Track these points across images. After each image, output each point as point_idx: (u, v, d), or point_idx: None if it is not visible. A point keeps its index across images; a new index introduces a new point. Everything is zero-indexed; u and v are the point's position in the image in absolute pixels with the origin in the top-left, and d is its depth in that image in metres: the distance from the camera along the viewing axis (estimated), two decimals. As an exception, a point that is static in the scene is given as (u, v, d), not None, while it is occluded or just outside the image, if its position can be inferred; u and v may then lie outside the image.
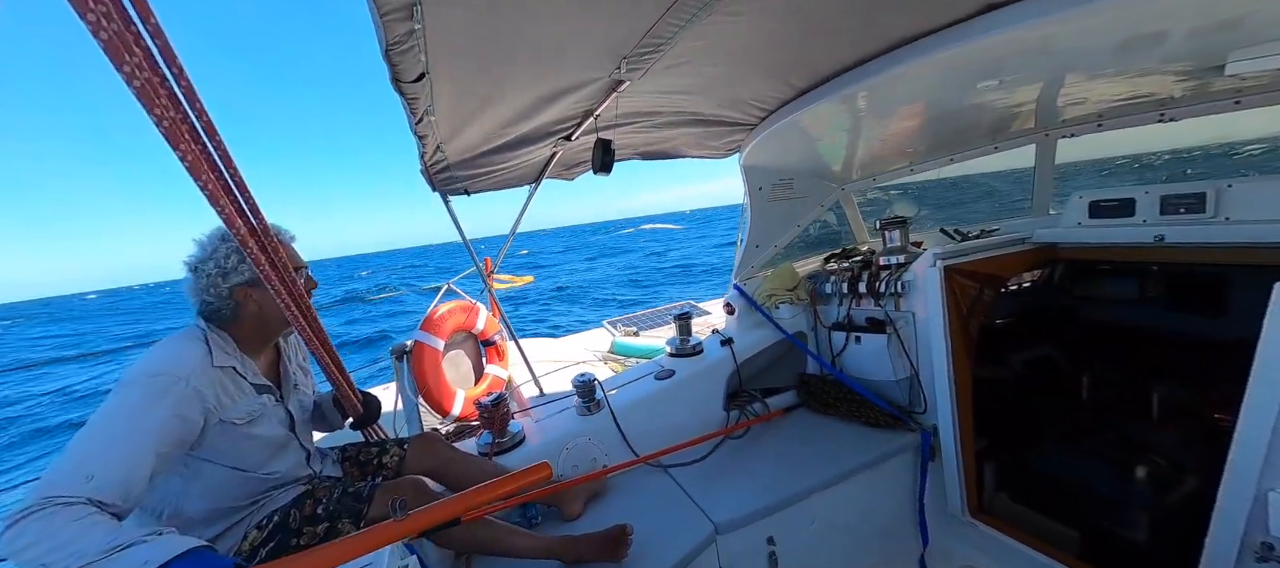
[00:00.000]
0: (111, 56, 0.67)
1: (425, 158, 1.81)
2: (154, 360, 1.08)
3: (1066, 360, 2.16)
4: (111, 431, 0.96)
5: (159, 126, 0.76)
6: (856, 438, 2.02)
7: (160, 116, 0.74)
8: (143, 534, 0.86)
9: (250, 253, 1.02)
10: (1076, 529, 1.79)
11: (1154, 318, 1.87)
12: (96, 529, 0.84)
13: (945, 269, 1.79)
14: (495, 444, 1.90)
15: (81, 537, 0.82)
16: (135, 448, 0.96)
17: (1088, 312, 2.09)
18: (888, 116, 1.92)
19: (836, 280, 2.26)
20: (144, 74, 0.72)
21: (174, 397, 1.04)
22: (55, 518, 0.83)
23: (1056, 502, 1.87)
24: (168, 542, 0.85)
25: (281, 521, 1.23)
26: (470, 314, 2.54)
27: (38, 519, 0.82)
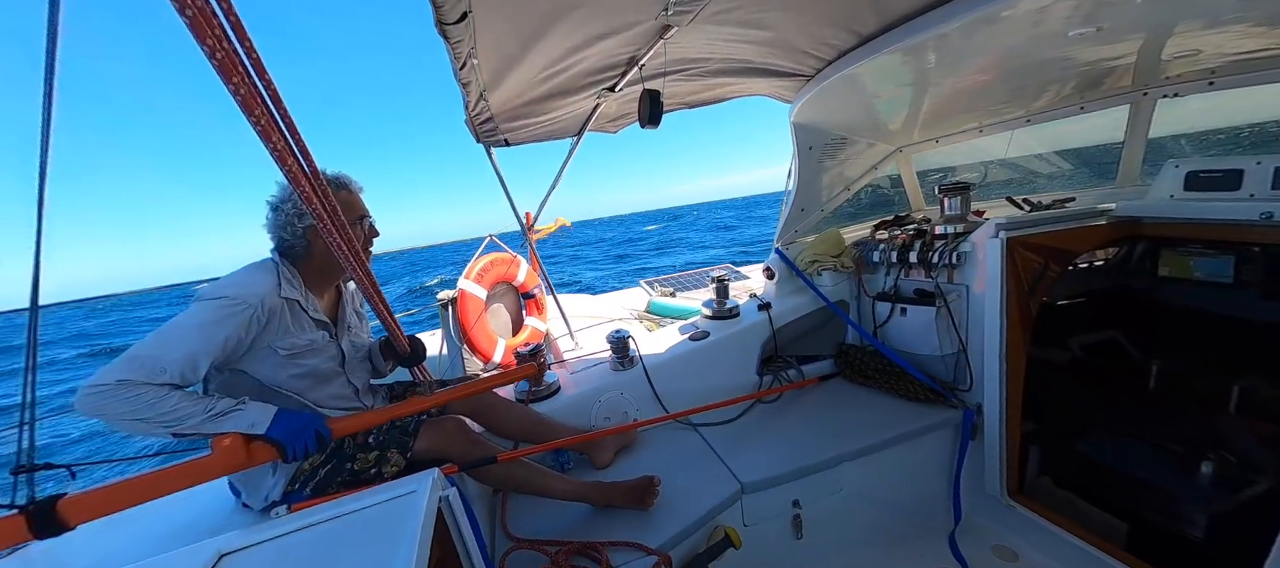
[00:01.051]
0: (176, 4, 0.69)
1: (469, 107, 1.81)
2: (229, 285, 1.19)
3: (1134, 346, 2.00)
4: (185, 337, 1.10)
5: (236, 97, 0.81)
6: (893, 411, 1.98)
7: (237, 86, 0.78)
8: (226, 404, 1.09)
9: (309, 202, 1.08)
10: (1125, 521, 1.71)
11: (1246, 306, 1.69)
12: (188, 399, 1.05)
13: (1008, 241, 1.66)
14: (531, 392, 1.97)
15: (180, 405, 1.04)
16: (200, 356, 1.11)
17: (1166, 295, 1.91)
18: (959, 69, 1.75)
19: (886, 249, 2.15)
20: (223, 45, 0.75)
21: (239, 319, 1.16)
22: (143, 394, 1.01)
23: (1105, 491, 1.78)
24: (257, 408, 1.10)
25: (337, 445, 1.33)
26: (511, 266, 2.59)
27: (118, 391, 0.99)
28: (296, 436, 1.08)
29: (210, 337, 1.12)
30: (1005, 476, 1.79)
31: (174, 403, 1.03)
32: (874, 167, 2.48)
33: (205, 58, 0.71)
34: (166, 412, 1.02)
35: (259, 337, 1.21)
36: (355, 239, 1.36)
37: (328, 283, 1.42)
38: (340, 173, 1.38)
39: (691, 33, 1.54)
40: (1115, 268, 2.07)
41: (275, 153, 0.91)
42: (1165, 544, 1.63)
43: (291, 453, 1.07)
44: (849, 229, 2.58)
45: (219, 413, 1.06)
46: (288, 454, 1.07)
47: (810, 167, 2.22)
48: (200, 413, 1.05)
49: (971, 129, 2.27)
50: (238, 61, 0.78)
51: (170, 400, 1.03)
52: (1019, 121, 2.13)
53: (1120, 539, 1.65)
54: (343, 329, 1.44)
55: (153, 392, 1.02)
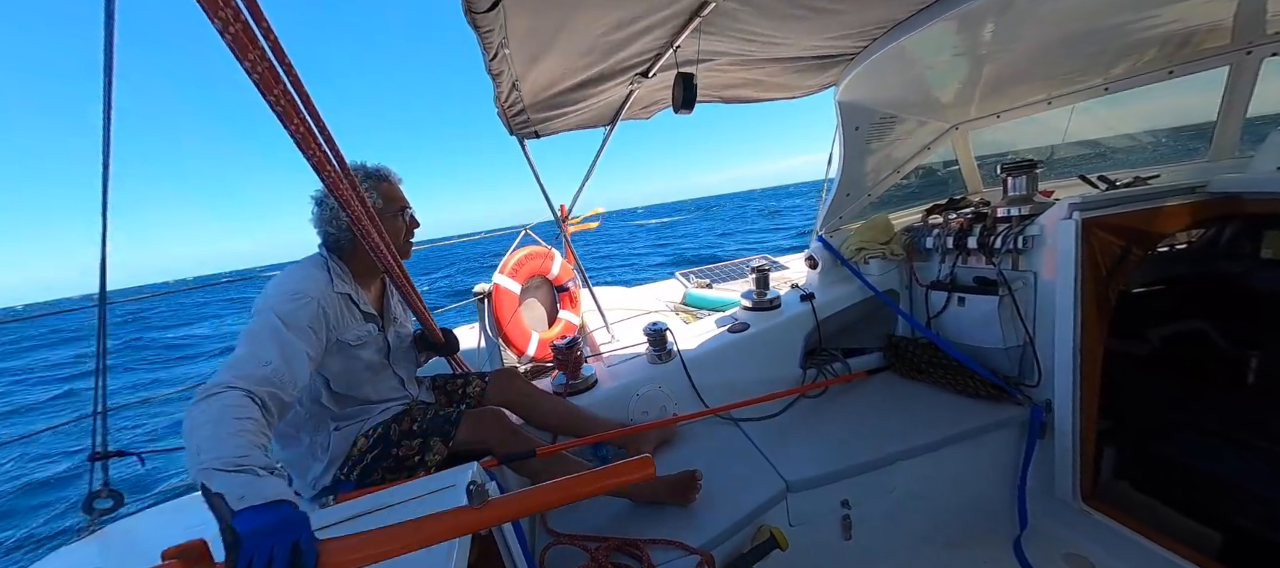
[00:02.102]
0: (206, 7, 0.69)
1: (500, 98, 1.79)
2: (290, 281, 1.21)
3: (1225, 337, 1.80)
4: (274, 334, 1.07)
5: (274, 109, 0.81)
6: (950, 407, 1.85)
7: (277, 98, 0.79)
8: (263, 464, 0.83)
9: (341, 196, 1.08)
10: (1218, 529, 1.54)
11: None
12: (238, 438, 0.85)
13: (1084, 223, 1.52)
14: (568, 385, 1.96)
15: (231, 440, 0.84)
16: (294, 348, 1.08)
17: (1266, 280, 1.70)
18: (1024, 35, 1.60)
19: (940, 234, 2.02)
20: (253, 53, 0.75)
21: (309, 312, 1.16)
22: (221, 407, 0.89)
23: (1194, 497, 1.61)
24: (267, 485, 0.78)
25: (384, 432, 1.36)
26: (545, 260, 2.59)
27: (221, 399, 0.90)
28: (262, 536, 0.69)
29: (292, 334, 1.09)
30: (1078, 478, 1.65)
31: (220, 430, 0.85)
32: (927, 146, 2.32)
33: (245, 73, 0.72)
34: (207, 438, 0.83)
35: (329, 332, 1.22)
36: (397, 231, 1.37)
37: (374, 275, 1.43)
38: (379, 165, 1.39)
39: (727, 17, 1.47)
40: (1201, 251, 1.86)
41: (311, 158, 0.90)
42: (1266, 557, 1.46)
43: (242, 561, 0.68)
44: (898, 214, 2.43)
45: (242, 466, 0.80)
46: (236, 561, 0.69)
47: (856, 148, 2.10)
48: (232, 454, 0.81)
49: (1038, 102, 2.08)
50: (276, 76, 0.78)
51: (225, 425, 0.86)
52: (1096, 91, 1.93)
53: (1212, 550, 1.49)
54: (389, 321, 1.46)
55: (239, 407, 0.90)
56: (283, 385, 1.01)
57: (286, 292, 1.17)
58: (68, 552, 1.43)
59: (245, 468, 0.79)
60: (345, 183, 1.09)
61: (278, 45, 0.82)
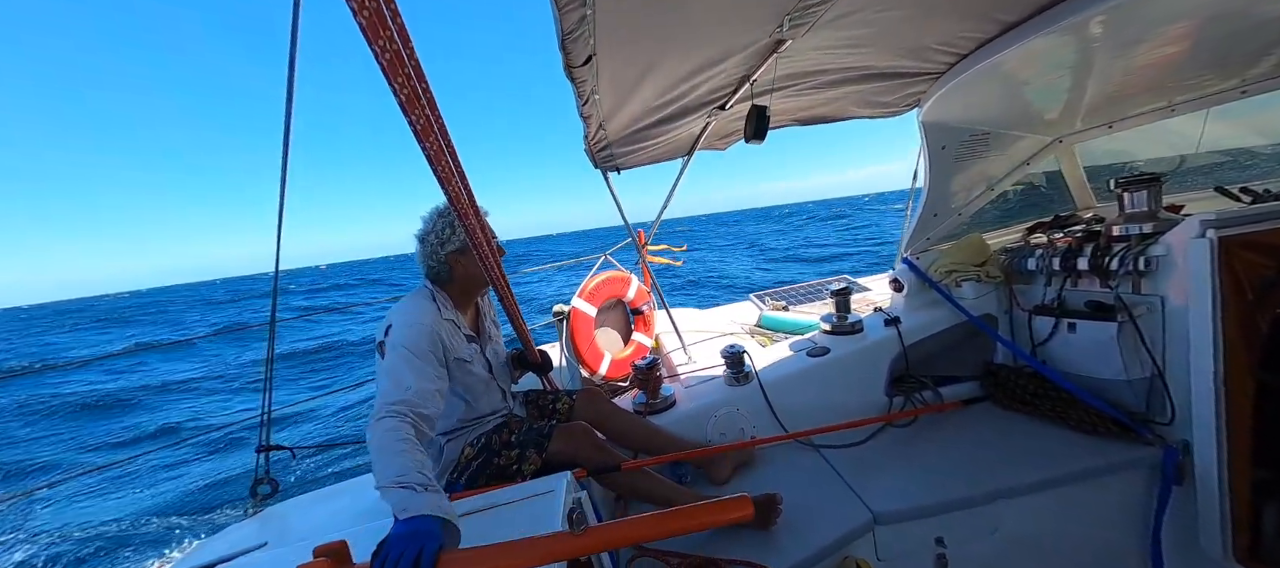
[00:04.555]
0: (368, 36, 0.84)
1: (589, 138, 1.95)
2: (407, 314, 1.40)
3: None
4: (406, 362, 1.28)
5: (413, 127, 0.96)
6: (1063, 443, 1.69)
7: (416, 119, 0.94)
8: (416, 480, 1.01)
9: (467, 224, 1.25)
10: None
11: None
12: (401, 458, 1.05)
13: (1221, 241, 1.36)
14: (648, 405, 2.03)
15: (391, 461, 1.05)
16: (425, 371, 1.27)
17: None
18: (1138, 44, 1.49)
19: (1044, 255, 1.87)
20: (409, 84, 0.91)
21: (428, 337, 1.35)
22: (389, 431, 1.10)
23: None
24: (418, 501, 0.97)
25: (486, 442, 1.52)
26: (621, 284, 2.72)
27: (381, 426, 1.13)
28: (404, 540, 0.88)
29: (420, 360, 1.28)
30: (1230, 533, 1.43)
31: (391, 452, 1.05)
32: (1026, 162, 2.17)
33: (392, 94, 0.87)
34: (384, 459, 1.04)
35: (446, 352, 1.40)
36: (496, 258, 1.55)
37: (469, 301, 1.61)
38: None
39: (806, 44, 1.51)
40: None
41: (441, 178, 1.05)
42: None
43: (382, 556, 0.88)
44: (993, 234, 2.29)
45: (405, 483, 1.00)
46: (378, 560, 0.88)
47: (944, 167, 2.02)
48: (394, 473, 1.02)
49: (1159, 108, 1.89)
50: (418, 97, 0.93)
51: (392, 447, 1.06)
52: (1231, 94, 1.73)
53: None
54: (485, 341, 1.64)
55: (399, 427, 1.10)
56: (422, 403, 1.21)
57: (407, 324, 1.35)
58: (235, 528, 1.71)
59: (406, 485, 1.00)
60: (470, 206, 1.26)
61: (420, 69, 0.95)
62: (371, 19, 0.82)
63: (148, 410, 10.54)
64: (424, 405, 1.21)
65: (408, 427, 1.14)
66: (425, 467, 1.07)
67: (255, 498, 1.73)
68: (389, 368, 1.26)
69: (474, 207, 1.29)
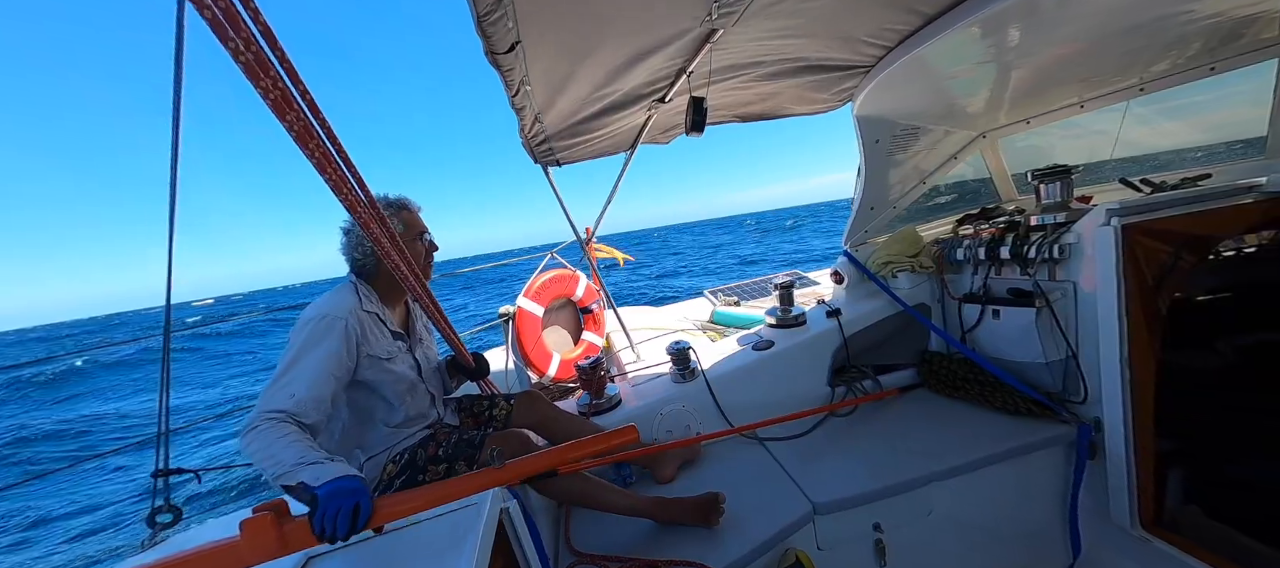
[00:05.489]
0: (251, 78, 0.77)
1: (525, 130, 1.88)
2: (319, 306, 1.31)
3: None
4: (300, 362, 1.20)
5: (290, 131, 0.89)
6: (990, 425, 1.77)
7: (292, 122, 0.87)
8: (319, 455, 1.05)
9: (367, 229, 1.17)
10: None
11: None
12: (293, 446, 1.05)
13: (1124, 229, 1.44)
14: (593, 405, 1.98)
15: (283, 451, 1.04)
16: (318, 373, 1.20)
17: None
18: (1051, 38, 1.56)
19: (971, 245, 1.95)
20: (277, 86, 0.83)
21: (336, 332, 1.26)
22: (269, 432, 1.07)
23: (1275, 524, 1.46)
24: (332, 468, 1.02)
25: (411, 458, 1.41)
26: (569, 282, 2.65)
27: (258, 433, 1.07)
28: (335, 497, 0.92)
29: (319, 356, 1.21)
30: (1136, 502, 1.53)
31: (279, 445, 1.04)
32: (953, 156, 2.26)
33: (260, 98, 0.79)
34: (274, 454, 1.03)
35: (360, 348, 1.32)
36: (417, 255, 1.45)
37: (398, 297, 1.52)
38: (401, 195, 1.50)
39: (739, 35, 1.50)
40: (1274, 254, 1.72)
41: (331, 183, 0.98)
42: None
43: (319, 519, 0.90)
44: (928, 226, 2.37)
45: (309, 462, 1.02)
46: (315, 522, 0.90)
47: (878, 161, 2.07)
48: (293, 459, 1.02)
49: (1071, 105, 2.01)
50: (292, 100, 0.86)
51: (279, 441, 1.05)
52: (1131, 92, 1.85)
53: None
54: (415, 341, 1.54)
55: (277, 427, 1.07)
56: (306, 413, 1.14)
57: (317, 317, 1.27)
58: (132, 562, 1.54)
59: (312, 462, 1.02)
60: (368, 210, 1.18)
61: (293, 70, 0.89)
62: (251, 63, 0.79)
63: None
64: (306, 416, 1.14)
65: (291, 425, 1.09)
66: (322, 451, 1.05)
67: (154, 529, 1.55)
68: (280, 371, 1.19)
69: (374, 209, 1.21)
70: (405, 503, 0.99)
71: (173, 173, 1.09)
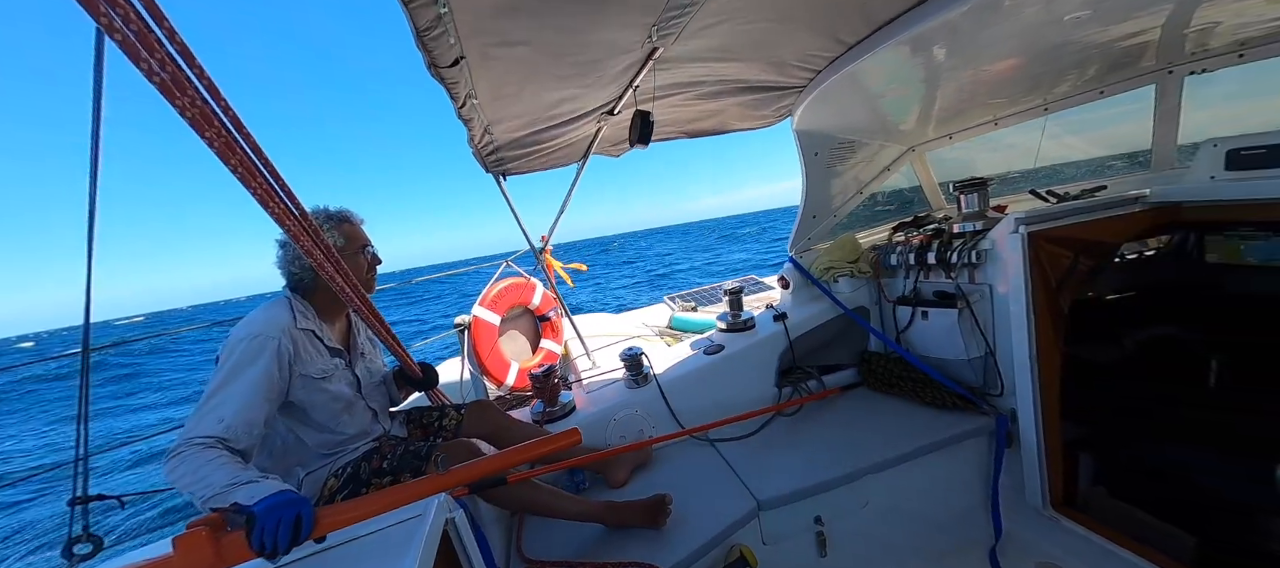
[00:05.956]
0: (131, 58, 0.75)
1: (475, 141, 1.89)
2: (251, 325, 1.28)
3: (1196, 341, 1.85)
4: (229, 385, 1.16)
5: (212, 146, 0.88)
6: (921, 420, 1.89)
7: (212, 138, 0.85)
8: (251, 475, 1.03)
9: (299, 241, 1.15)
10: (1194, 534, 1.55)
11: None
12: (224, 468, 1.02)
13: (1030, 236, 1.58)
14: (547, 413, 2.00)
15: (213, 474, 1.01)
16: (249, 395, 1.16)
17: (1222, 283, 1.76)
18: (963, 63, 1.70)
19: (903, 251, 2.09)
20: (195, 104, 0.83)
21: (268, 352, 1.23)
22: (196, 457, 1.03)
23: (1170, 501, 1.63)
24: (266, 485, 1.00)
25: (354, 471, 1.39)
26: (526, 291, 2.66)
27: (183, 458, 1.04)
28: (273, 511, 0.89)
29: (250, 378, 1.18)
30: (1047, 485, 1.67)
31: (209, 468, 1.01)
32: (887, 168, 2.42)
33: (177, 114, 0.78)
34: (204, 477, 1.00)
35: (293, 367, 1.29)
36: (359, 268, 1.44)
37: (338, 311, 1.49)
38: (341, 208, 1.48)
39: (680, 56, 1.57)
40: (1168, 258, 1.92)
41: (258, 197, 0.97)
42: (1242, 559, 1.48)
43: (258, 534, 0.87)
44: (866, 233, 2.51)
45: (241, 481, 0.99)
46: (254, 538, 0.87)
47: (818, 173, 2.19)
48: (224, 480, 0.99)
49: (986, 122, 2.19)
50: (212, 117, 0.85)
51: (207, 464, 1.02)
52: (1037, 111, 2.03)
53: (1187, 555, 1.50)
54: (356, 356, 1.52)
55: (205, 451, 1.04)
56: (237, 437, 1.11)
57: (248, 336, 1.23)
58: None
59: (245, 481, 0.99)
60: (298, 222, 1.16)
61: (213, 87, 0.88)
62: (167, 82, 0.77)
63: None
64: (237, 441, 1.11)
65: (218, 449, 1.06)
66: (254, 470, 1.02)
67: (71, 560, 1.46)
68: (208, 394, 1.15)
69: (306, 222, 1.19)
70: (348, 512, 0.98)
71: (92, 189, 1.05)
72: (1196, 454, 1.68)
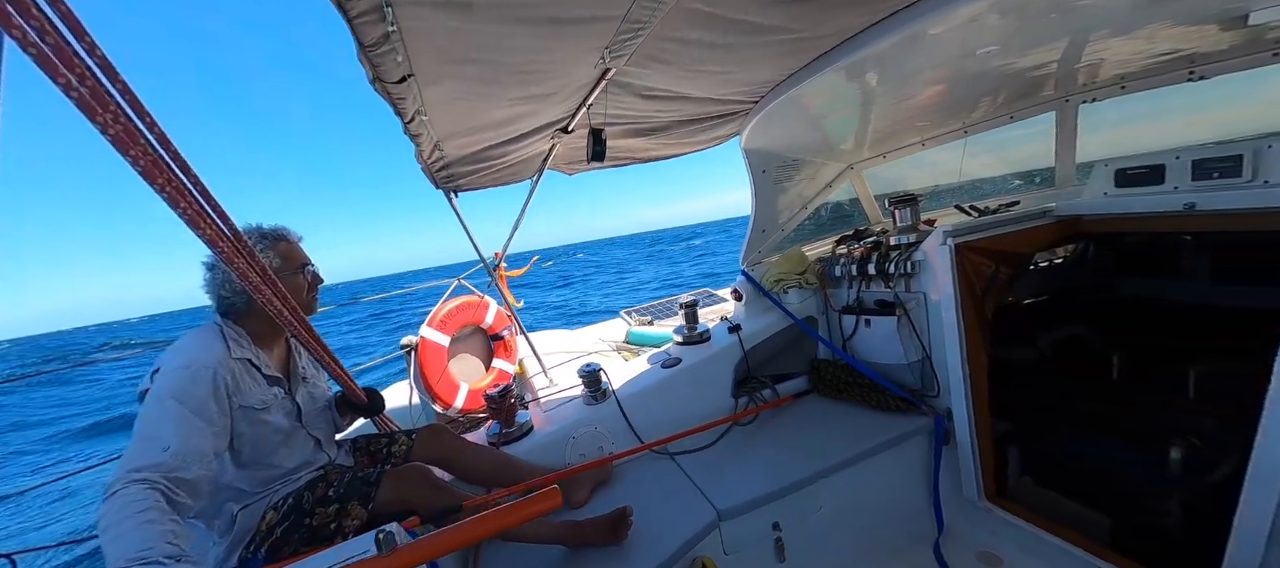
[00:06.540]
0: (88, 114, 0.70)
1: (424, 156, 1.84)
2: (181, 354, 1.18)
3: (1099, 340, 2.05)
4: (168, 411, 1.05)
5: (136, 167, 0.81)
6: (868, 423, 1.98)
7: (137, 157, 0.79)
8: (168, 552, 0.86)
9: (234, 266, 1.08)
10: (1107, 516, 1.71)
11: (1197, 291, 1.75)
12: (140, 531, 0.86)
13: (957, 247, 1.72)
14: (503, 434, 1.94)
15: (124, 537, 0.85)
16: (194, 421, 1.06)
17: (1124, 287, 1.97)
18: (892, 89, 1.85)
19: (846, 263, 2.20)
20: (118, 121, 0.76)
21: (205, 382, 1.13)
22: (123, 505, 0.89)
23: (1086, 487, 1.78)
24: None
25: (295, 502, 1.30)
26: (478, 309, 2.59)
27: (113, 502, 0.90)
28: None
29: (192, 406, 1.08)
30: (981, 479, 1.79)
31: (127, 525, 0.86)
32: (829, 184, 2.56)
33: (98, 132, 0.72)
34: (116, 535, 0.85)
35: (232, 399, 1.19)
36: (298, 290, 1.36)
37: (275, 336, 1.40)
38: (277, 225, 1.40)
39: (634, 76, 1.61)
40: (1073, 266, 2.13)
41: (188, 219, 0.90)
42: (1146, 535, 1.63)
43: None
44: (813, 246, 2.64)
45: (145, 561, 0.82)
46: None
47: (766, 189, 2.29)
48: (131, 552, 0.82)
49: (914, 143, 2.37)
50: (137, 133, 0.79)
51: (129, 519, 0.87)
52: (957, 134, 2.23)
53: (1103, 535, 1.64)
54: (296, 383, 1.43)
55: (140, 496, 0.90)
56: (184, 466, 1.00)
57: (179, 367, 1.14)
58: None
59: (149, 560, 0.82)
60: (232, 243, 1.09)
61: (137, 102, 0.81)
62: (86, 98, 0.71)
63: None
64: (186, 469, 1.00)
65: (154, 495, 0.92)
66: (177, 537, 0.88)
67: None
68: (144, 424, 1.04)
69: (241, 244, 1.12)
70: None
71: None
72: (1103, 443, 1.86)
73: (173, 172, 0.85)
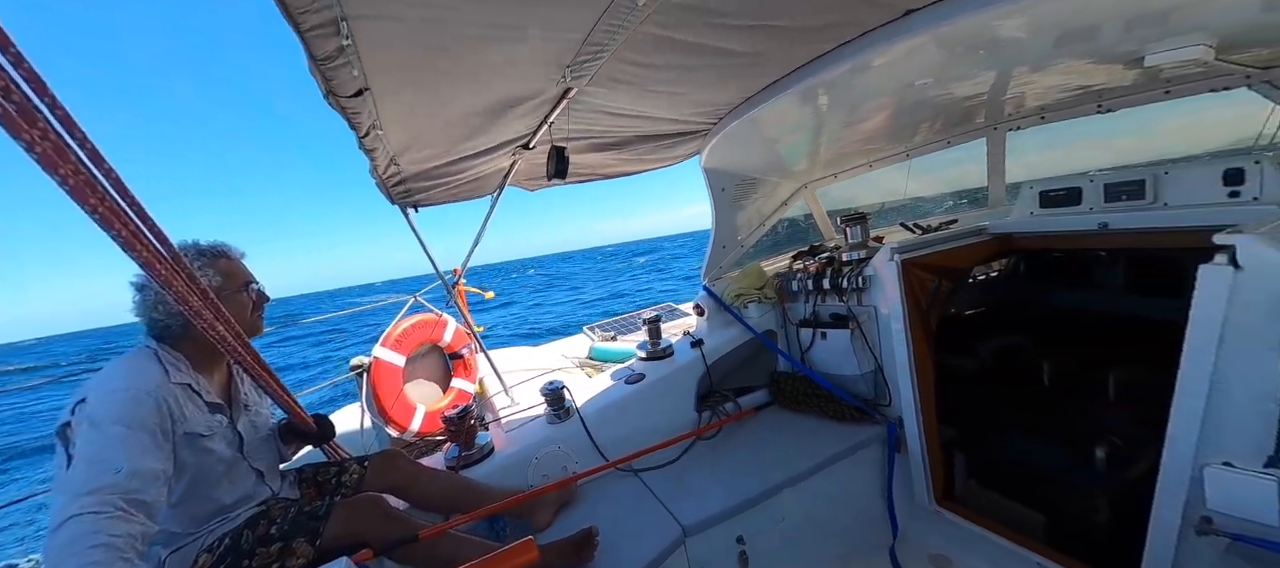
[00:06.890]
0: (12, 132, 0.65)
1: (379, 171, 1.78)
2: (113, 380, 1.07)
3: (1034, 348, 2.21)
4: (114, 440, 0.96)
5: (64, 186, 0.75)
6: (826, 433, 2.04)
7: (67, 175, 0.73)
8: None
9: (172, 289, 1.01)
10: (1042, 513, 1.82)
11: (1114, 302, 1.92)
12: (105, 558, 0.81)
13: (903, 263, 1.82)
14: (463, 457, 1.88)
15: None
16: (143, 441, 0.99)
17: (1052, 299, 2.14)
18: (840, 115, 1.95)
19: (802, 278, 2.29)
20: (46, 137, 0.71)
21: (148, 404, 1.05)
22: (79, 534, 0.82)
23: (1023, 487, 1.90)
24: None
25: (233, 543, 1.20)
26: (436, 327, 2.51)
27: (65, 530, 0.82)
28: None
29: (136, 428, 1.00)
30: (931, 483, 1.88)
31: (84, 560, 0.80)
32: (784, 202, 2.66)
33: (24, 151, 0.66)
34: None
35: (176, 426, 1.11)
36: (241, 310, 1.28)
37: (216, 360, 1.31)
38: (216, 242, 1.32)
39: (596, 96, 1.63)
40: (1007, 279, 2.30)
41: (124, 242, 0.84)
42: (1076, 531, 1.75)
43: None
44: (771, 261, 2.72)
45: None
46: None
47: (725, 207, 2.35)
48: None
49: (862, 165, 2.50)
50: (67, 151, 0.74)
51: (79, 555, 0.81)
52: (901, 156, 2.37)
53: (1039, 533, 1.75)
54: (238, 410, 1.33)
55: (94, 531, 0.84)
56: (141, 487, 0.93)
57: (114, 391, 1.04)
58: None
59: None
60: (170, 265, 1.01)
61: (68, 117, 0.76)
62: (10, 114, 0.66)
63: None
64: (143, 491, 0.92)
65: (113, 523, 0.85)
66: None
67: None
68: (85, 451, 0.94)
69: (179, 265, 1.05)
70: None
71: None
72: (1038, 446, 1.99)
73: (106, 191, 0.79)
